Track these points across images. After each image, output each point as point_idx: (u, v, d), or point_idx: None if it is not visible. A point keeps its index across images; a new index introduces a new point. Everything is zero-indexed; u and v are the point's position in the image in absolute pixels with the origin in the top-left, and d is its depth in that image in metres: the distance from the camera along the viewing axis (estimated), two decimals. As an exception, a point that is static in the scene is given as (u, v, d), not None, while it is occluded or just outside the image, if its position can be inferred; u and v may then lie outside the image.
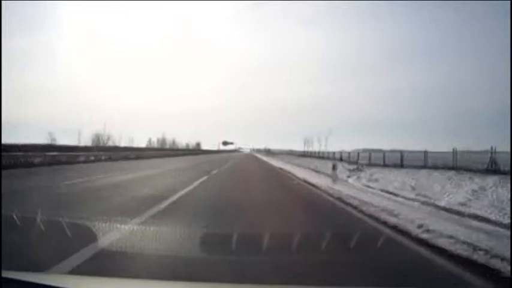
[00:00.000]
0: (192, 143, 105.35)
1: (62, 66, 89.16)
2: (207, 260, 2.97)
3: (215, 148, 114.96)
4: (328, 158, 28.89)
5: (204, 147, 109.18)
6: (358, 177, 13.38)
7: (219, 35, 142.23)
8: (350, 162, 19.96)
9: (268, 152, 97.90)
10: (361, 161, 18.89)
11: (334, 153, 36.40)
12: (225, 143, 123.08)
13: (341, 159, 23.68)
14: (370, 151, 35.89)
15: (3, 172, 10.89)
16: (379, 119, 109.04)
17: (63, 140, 44.78)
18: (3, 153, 14.23)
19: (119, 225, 3.88)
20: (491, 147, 10.87)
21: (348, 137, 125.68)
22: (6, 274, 1.39)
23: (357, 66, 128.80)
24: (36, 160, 17.09)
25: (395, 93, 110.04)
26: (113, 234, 3.58)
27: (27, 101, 61.37)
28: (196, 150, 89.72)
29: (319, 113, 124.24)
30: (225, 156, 58.65)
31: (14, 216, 3.65)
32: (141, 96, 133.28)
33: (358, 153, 21.66)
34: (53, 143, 36.26)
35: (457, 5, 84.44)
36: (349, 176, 14.19)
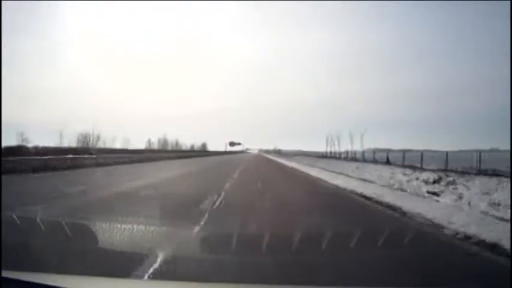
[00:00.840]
0: (197, 144, 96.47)
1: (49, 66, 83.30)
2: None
3: (222, 149, 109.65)
4: (364, 161, 22.82)
5: (210, 148, 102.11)
6: (460, 197, 8.01)
7: (224, 36, 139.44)
8: (406, 167, 15.57)
9: (279, 152, 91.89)
10: (428, 166, 14.43)
11: (347, 152, 33.12)
12: (232, 144, 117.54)
13: (388, 162, 18.55)
14: (379, 151, 32.39)
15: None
16: (382, 119, 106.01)
17: (43, 141, 39.94)
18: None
19: None
20: None
21: (354, 136, 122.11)
22: (6, 274, 1.41)
23: (360, 66, 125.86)
24: None
25: (397, 93, 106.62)
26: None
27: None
28: (200, 152, 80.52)
29: (325, 114, 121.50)
30: (231, 158, 50.55)
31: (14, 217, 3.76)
32: (143, 97, 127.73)
33: (422, 153, 15.61)
34: (24, 144, 29.61)
35: (457, 5, 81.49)
36: (437, 194, 9.46)
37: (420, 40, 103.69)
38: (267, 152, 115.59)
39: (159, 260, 3.28)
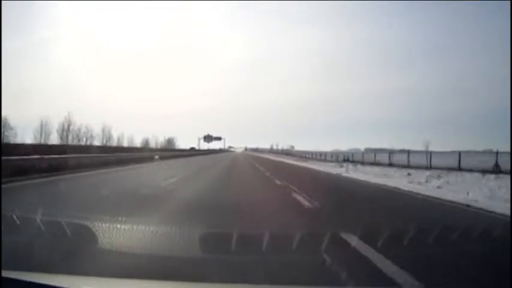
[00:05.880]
0: (159, 139, 70.61)
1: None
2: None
3: (200, 147, 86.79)
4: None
5: (182, 145, 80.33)
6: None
7: (212, 33, 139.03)
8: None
9: (288, 152, 66.92)
10: None
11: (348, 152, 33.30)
12: (207, 139, 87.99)
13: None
14: (374, 151, 33.36)
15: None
16: (375, 118, 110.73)
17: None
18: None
19: None
20: None
21: (342, 136, 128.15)
22: (6, 274, 1.43)
23: (352, 67, 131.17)
24: None
25: (392, 93, 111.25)
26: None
27: None
28: (148, 150, 45.30)
29: (311, 113, 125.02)
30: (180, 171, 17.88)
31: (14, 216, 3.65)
32: (127, 93, 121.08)
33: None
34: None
35: (456, 4, 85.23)
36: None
37: (417, 40, 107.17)
38: (256, 150, 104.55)
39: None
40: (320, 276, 2.78)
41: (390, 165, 21.42)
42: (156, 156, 32.08)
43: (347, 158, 32.12)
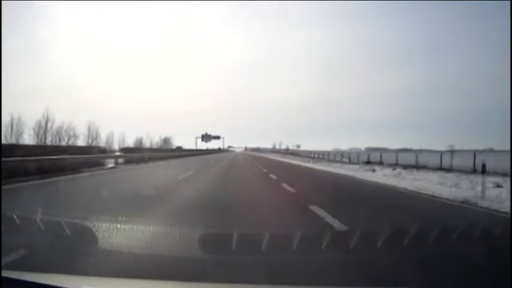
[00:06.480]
0: (154, 139, 65.79)
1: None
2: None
3: (198, 147, 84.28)
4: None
5: (178, 144, 74.96)
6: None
7: (210, 35, 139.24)
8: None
9: (292, 152, 61.38)
10: None
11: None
12: (205, 138, 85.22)
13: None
14: (375, 150, 32.70)
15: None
16: (375, 118, 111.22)
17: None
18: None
19: None
20: None
21: (342, 135, 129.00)
22: (6, 274, 1.43)
23: (352, 67, 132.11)
24: None
25: (392, 93, 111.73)
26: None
27: None
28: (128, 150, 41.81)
29: (311, 113, 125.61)
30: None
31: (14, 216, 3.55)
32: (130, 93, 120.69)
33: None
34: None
35: (457, 5, 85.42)
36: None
37: (416, 40, 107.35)
38: (256, 150, 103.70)
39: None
40: (320, 276, 2.81)
41: (442, 169, 15.58)
42: (114, 161, 22.79)
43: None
